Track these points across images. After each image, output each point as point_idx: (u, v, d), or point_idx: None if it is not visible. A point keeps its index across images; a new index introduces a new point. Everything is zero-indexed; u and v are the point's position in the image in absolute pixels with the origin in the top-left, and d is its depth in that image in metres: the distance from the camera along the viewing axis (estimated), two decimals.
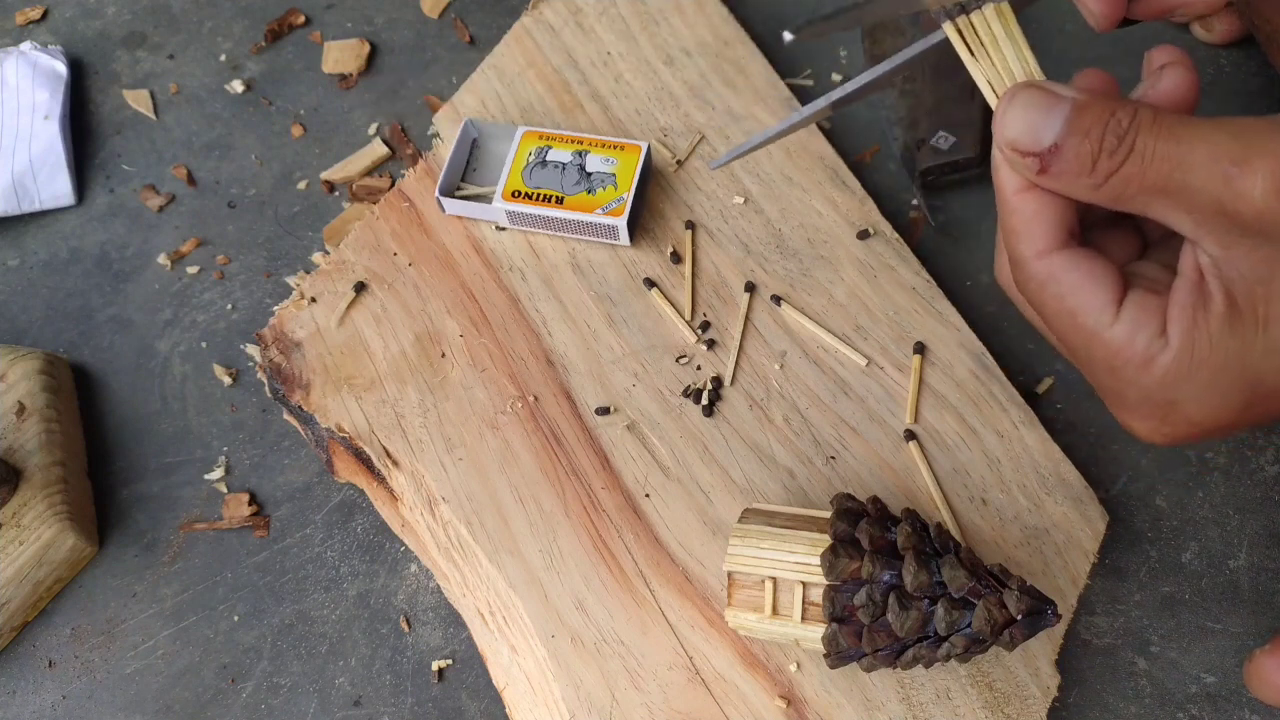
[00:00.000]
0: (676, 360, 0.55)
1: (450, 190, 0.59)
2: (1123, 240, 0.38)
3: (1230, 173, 0.30)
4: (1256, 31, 0.60)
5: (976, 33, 0.36)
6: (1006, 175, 0.35)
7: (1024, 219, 0.34)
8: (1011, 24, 0.36)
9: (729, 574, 0.44)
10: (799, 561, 0.42)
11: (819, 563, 0.42)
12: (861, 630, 0.42)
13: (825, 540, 0.43)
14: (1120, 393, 0.34)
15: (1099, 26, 0.37)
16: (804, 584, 0.43)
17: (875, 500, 0.45)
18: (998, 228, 0.41)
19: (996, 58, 0.36)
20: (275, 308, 0.58)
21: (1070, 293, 0.34)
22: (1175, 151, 0.31)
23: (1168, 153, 0.31)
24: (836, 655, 0.43)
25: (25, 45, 0.70)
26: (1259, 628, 0.49)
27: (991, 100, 0.36)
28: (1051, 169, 0.32)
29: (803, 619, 0.43)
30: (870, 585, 0.41)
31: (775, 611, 0.43)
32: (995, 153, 0.35)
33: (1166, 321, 0.33)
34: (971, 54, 0.36)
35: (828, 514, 0.44)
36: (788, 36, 0.35)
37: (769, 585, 0.43)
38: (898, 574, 0.41)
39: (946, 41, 0.37)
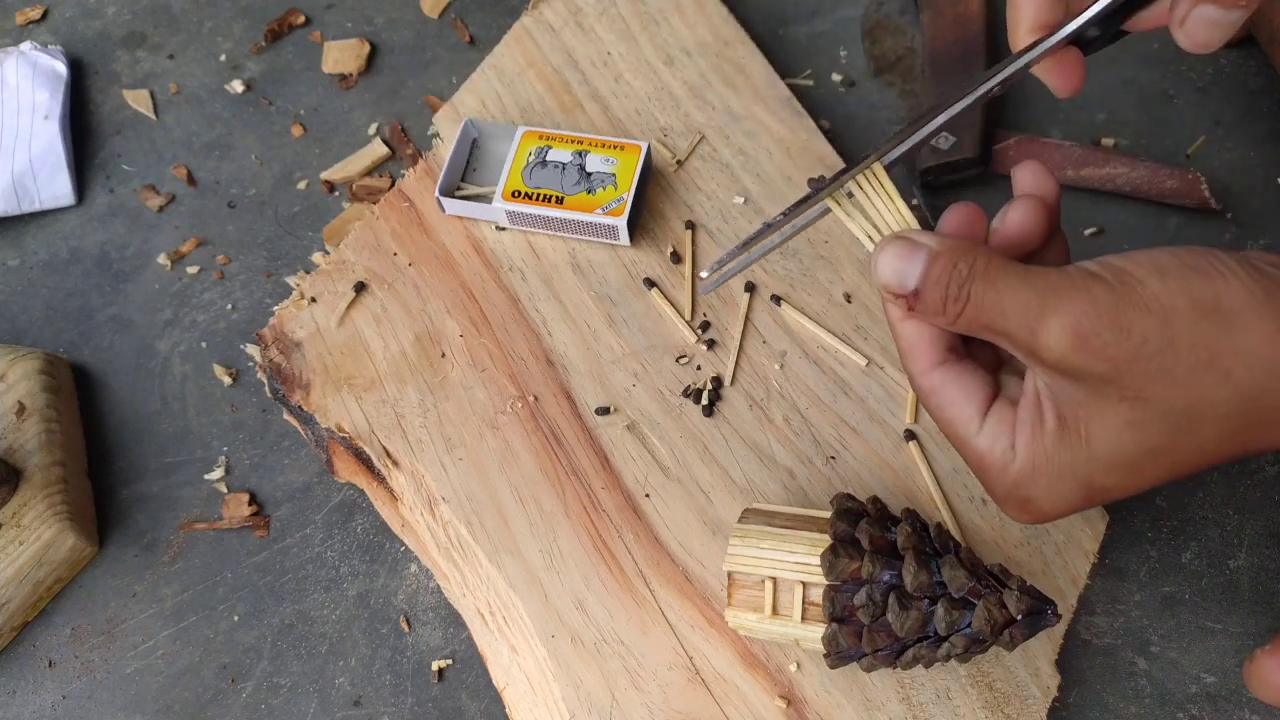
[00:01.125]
0: (676, 360, 0.55)
1: (450, 190, 0.59)
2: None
3: (1033, 327, 0.35)
4: (1257, 32, 0.60)
5: (853, 198, 0.41)
6: (891, 307, 0.40)
7: (908, 342, 0.40)
8: (884, 183, 0.41)
9: (729, 574, 0.44)
10: (799, 561, 0.42)
11: (819, 563, 0.42)
12: (861, 630, 0.42)
13: (825, 540, 0.43)
14: (989, 486, 0.40)
15: (1061, 94, 0.43)
16: (804, 584, 0.43)
17: (875, 500, 0.45)
18: None
19: (873, 212, 0.41)
20: (275, 308, 0.58)
21: (947, 405, 0.40)
22: (997, 301, 0.36)
23: (992, 302, 0.36)
24: (836, 655, 0.43)
25: (25, 45, 0.70)
26: (1259, 628, 0.49)
27: (869, 247, 0.41)
28: (916, 308, 0.38)
29: (803, 619, 0.43)
30: (870, 585, 0.41)
31: (775, 611, 0.43)
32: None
33: (1014, 436, 0.38)
34: (848, 215, 0.41)
35: (828, 514, 0.44)
36: (703, 274, 0.43)
37: (769, 585, 0.43)
38: (898, 574, 0.41)
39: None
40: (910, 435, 0.52)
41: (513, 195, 0.57)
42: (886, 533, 0.43)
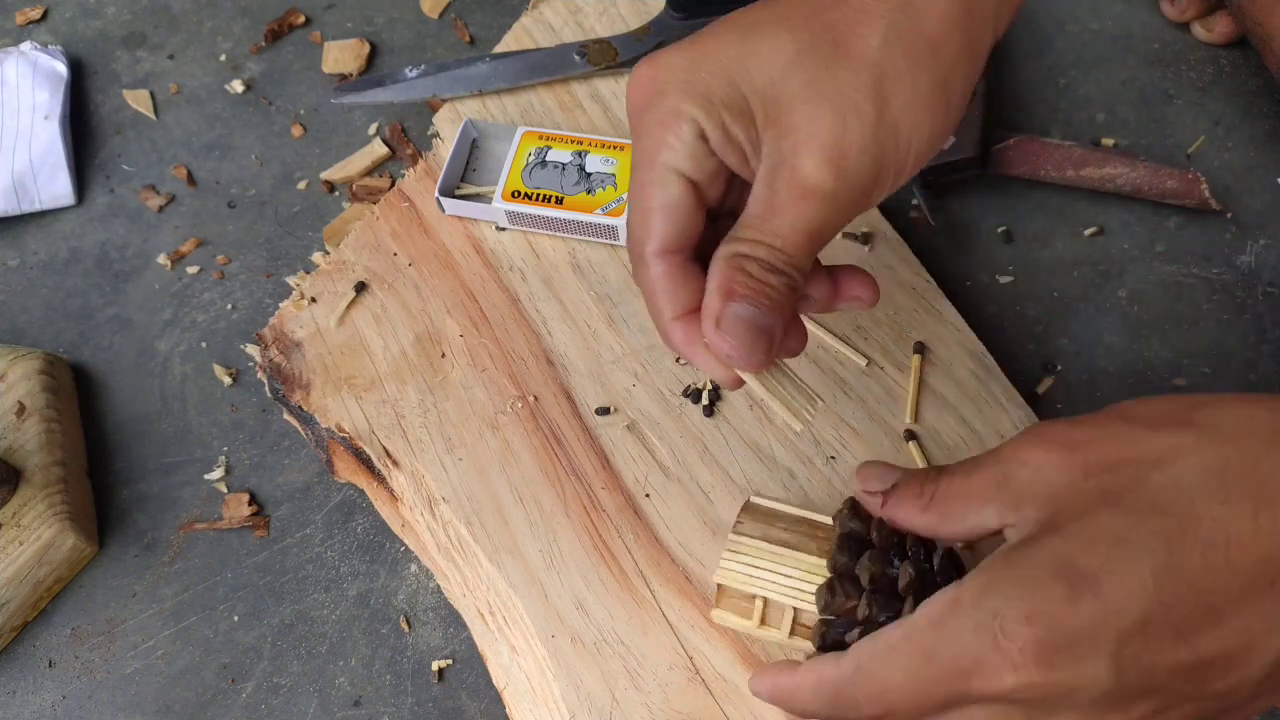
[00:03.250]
0: (676, 360, 0.55)
1: (450, 190, 0.59)
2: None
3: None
4: (1250, 35, 0.60)
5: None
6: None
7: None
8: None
9: (719, 585, 0.43)
10: (793, 586, 0.41)
11: (814, 595, 0.40)
12: None
13: (822, 565, 0.41)
14: None
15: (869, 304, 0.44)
16: (796, 609, 0.42)
17: (881, 525, 0.41)
18: None
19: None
20: (275, 307, 0.58)
21: None
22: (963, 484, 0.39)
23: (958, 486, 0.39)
24: None
25: (25, 45, 0.70)
26: None
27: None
28: (890, 499, 0.40)
29: (790, 634, 0.42)
30: (866, 626, 0.38)
31: (764, 623, 0.43)
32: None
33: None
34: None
35: (828, 520, 0.43)
36: None
37: (759, 602, 0.42)
38: (896, 615, 0.38)
39: None
40: (910, 435, 0.52)
41: (512, 195, 0.57)
42: (889, 567, 0.40)
